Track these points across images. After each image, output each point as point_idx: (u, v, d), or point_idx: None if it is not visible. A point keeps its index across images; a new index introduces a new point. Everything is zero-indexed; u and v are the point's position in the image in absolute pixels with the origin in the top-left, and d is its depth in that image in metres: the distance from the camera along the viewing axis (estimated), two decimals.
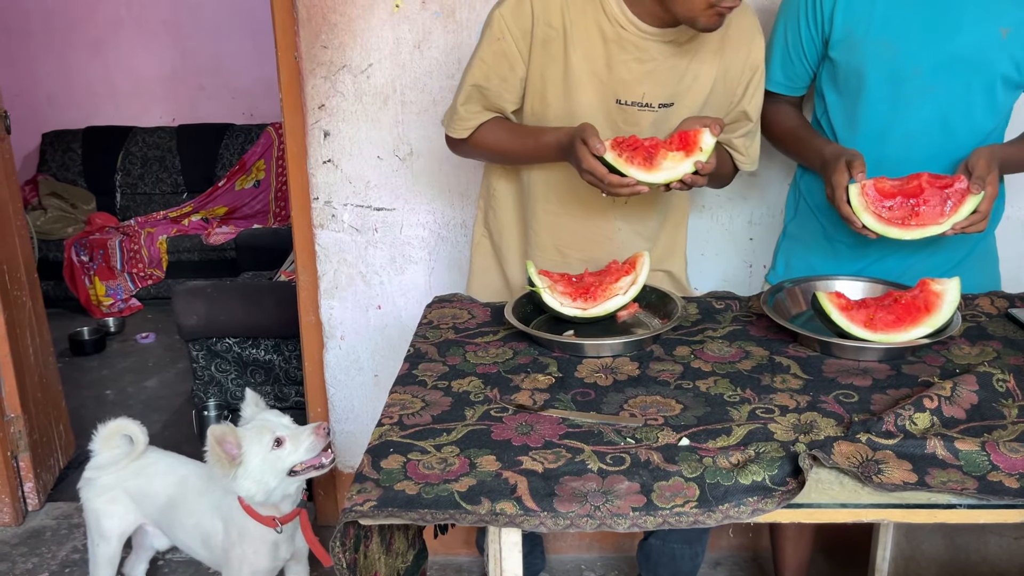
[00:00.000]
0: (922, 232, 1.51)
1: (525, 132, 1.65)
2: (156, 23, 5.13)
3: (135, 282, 4.71)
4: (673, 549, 1.91)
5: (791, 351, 1.48)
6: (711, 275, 2.24)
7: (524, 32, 1.57)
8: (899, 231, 1.52)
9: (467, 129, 1.66)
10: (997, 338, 1.52)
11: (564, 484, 1.12)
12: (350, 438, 2.44)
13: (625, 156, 1.48)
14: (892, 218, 1.52)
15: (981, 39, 1.58)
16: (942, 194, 1.51)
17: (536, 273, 1.57)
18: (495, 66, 1.60)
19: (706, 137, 1.49)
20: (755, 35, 1.66)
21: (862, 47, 1.62)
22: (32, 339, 2.77)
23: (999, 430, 1.21)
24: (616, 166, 1.47)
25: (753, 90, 1.68)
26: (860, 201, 1.53)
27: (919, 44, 1.60)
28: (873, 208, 1.53)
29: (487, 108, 1.65)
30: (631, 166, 1.47)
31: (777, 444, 1.19)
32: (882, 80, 1.63)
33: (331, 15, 2.06)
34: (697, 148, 1.49)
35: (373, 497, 1.11)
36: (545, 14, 1.56)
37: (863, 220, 1.53)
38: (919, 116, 1.63)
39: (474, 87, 1.62)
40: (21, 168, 5.04)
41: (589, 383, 1.39)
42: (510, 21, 1.57)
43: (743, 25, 1.64)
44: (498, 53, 1.59)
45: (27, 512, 2.75)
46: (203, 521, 1.95)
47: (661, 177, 1.48)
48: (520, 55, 1.59)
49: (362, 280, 2.28)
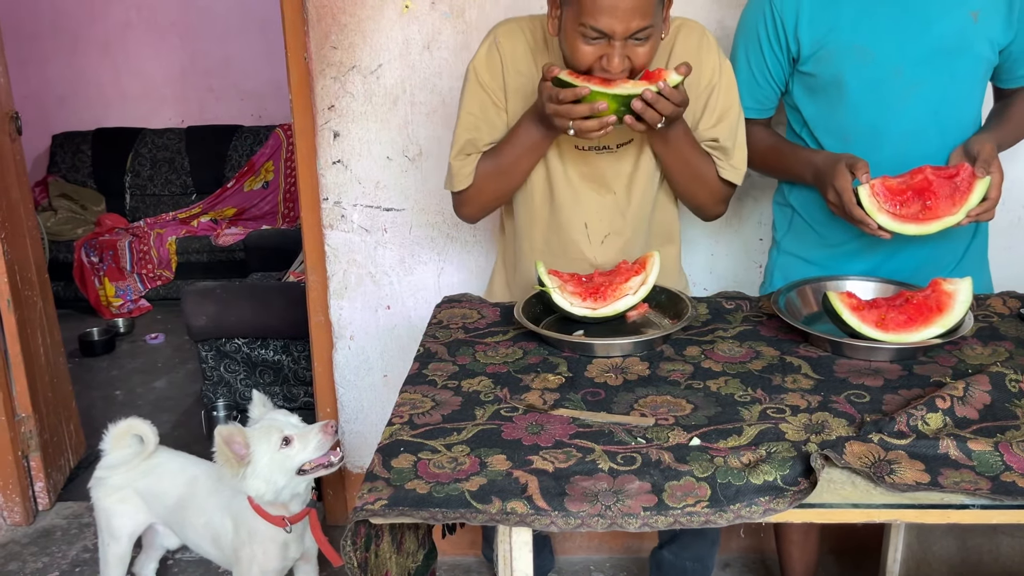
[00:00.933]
0: (939, 224, 1.50)
1: (506, 137, 1.65)
2: (165, 25, 5.15)
3: (144, 283, 4.73)
4: (685, 565, 1.93)
5: (802, 351, 1.48)
6: (721, 275, 2.24)
7: (498, 82, 1.62)
8: (916, 227, 1.51)
9: (467, 176, 1.66)
10: (1009, 338, 1.51)
11: (575, 484, 1.12)
12: (359, 438, 2.44)
13: (582, 78, 1.45)
14: (907, 215, 1.51)
15: (955, 27, 1.57)
16: (950, 184, 1.50)
17: (546, 273, 1.57)
18: (482, 115, 1.63)
19: (672, 74, 1.45)
20: (703, 53, 1.60)
21: (836, 57, 1.61)
22: (43, 339, 2.79)
23: (1012, 430, 1.20)
24: (570, 81, 1.44)
25: (712, 110, 1.62)
26: (872, 202, 1.52)
27: (894, 44, 1.59)
28: (886, 207, 1.52)
29: (477, 152, 1.67)
30: (587, 83, 1.44)
31: (788, 444, 1.18)
32: (864, 86, 1.61)
33: (341, 16, 2.07)
34: (662, 77, 1.45)
35: (384, 496, 1.11)
36: (513, 60, 1.60)
37: (878, 220, 1.52)
38: (910, 115, 1.62)
39: (467, 141, 1.64)
40: (31, 169, 5.06)
41: (599, 383, 1.39)
42: (483, 72, 1.61)
43: (687, 45, 1.60)
44: (483, 103, 1.63)
45: (37, 512, 2.76)
46: (213, 520, 1.95)
47: (621, 91, 1.43)
48: (498, 103, 1.63)
49: (371, 280, 2.28)
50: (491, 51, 1.61)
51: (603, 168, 1.65)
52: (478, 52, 1.63)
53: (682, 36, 1.60)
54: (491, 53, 1.61)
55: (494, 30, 1.64)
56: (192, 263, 4.77)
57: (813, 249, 1.79)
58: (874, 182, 1.53)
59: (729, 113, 1.63)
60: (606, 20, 1.40)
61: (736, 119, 1.64)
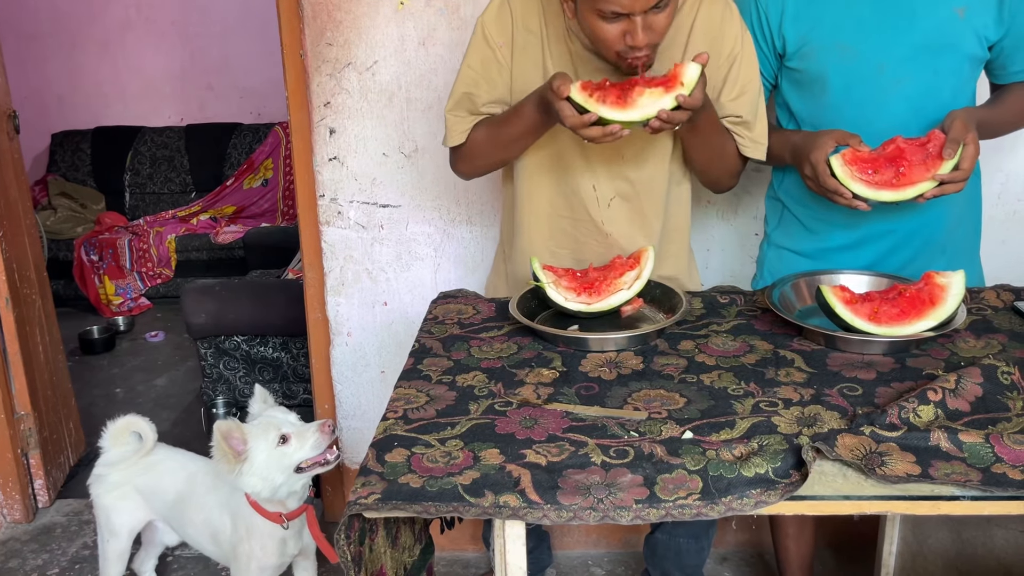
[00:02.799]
0: (914, 190, 1.48)
1: (506, 113, 1.63)
2: (165, 23, 5.16)
3: (144, 281, 4.74)
4: (679, 543, 1.91)
5: (796, 345, 1.48)
6: (717, 270, 2.24)
7: (506, 37, 1.59)
8: (891, 193, 1.50)
9: (461, 133, 1.65)
10: (1003, 331, 1.51)
11: (567, 477, 1.12)
12: (357, 434, 2.44)
13: (596, 96, 1.41)
14: (880, 181, 1.50)
15: (939, 24, 1.57)
16: (923, 151, 1.50)
17: (541, 268, 1.57)
18: (483, 71, 1.62)
19: (689, 70, 1.39)
20: (726, 24, 1.58)
21: (820, 53, 1.61)
22: (42, 337, 2.79)
23: (1004, 422, 1.20)
24: (585, 105, 1.39)
25: (734, 82, 1.60)
26: (845, 171, 1.51)
27: (877, 41, 1.59)
28: (860, 176, 1.51)
29: (475, 114, 1.66)
30: (602, 105, 1.39)
31: (780, 437, 1.19)
32: (846, 82, 1.61)
33: (336, 12, 2.07)
34: (679, 83, 1.39)
35: (377, 490, 1.12)
36: (524, 18, 1.58)
37: (853, 188, 1.50)
38: (892, 112, 1.62)
39: (464, 94, 1.64)
40: (31, 168, 5.08)
41: (593, 377, 1.39)
42: (492, 28, 1.60)
43: (711, 15, 1.58)
44: (486, 59, 1.61)
45: (38, 509, 2.77)
46: (212, 517, 1.96)
47: (635, 115, 1.38)
48: (504, 61, 1.61)
49: (368, 277, 2.29)
50: (503, 7, 1.59)
51: None
52: (489, 6, 1.60)
53: (704, 7, 1.58)
54: (503, 9, 1.59)
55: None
56: (192, 261, 4.78)
57: (802, 242, 1.79)
58: (845, 152, 1.52)
59: (750, 86, 1.62)
60: (624, 0, 1.39)
61: (757, 92, 1.63)
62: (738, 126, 1.64)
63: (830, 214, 1.71)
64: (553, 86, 1.42)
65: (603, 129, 1.42)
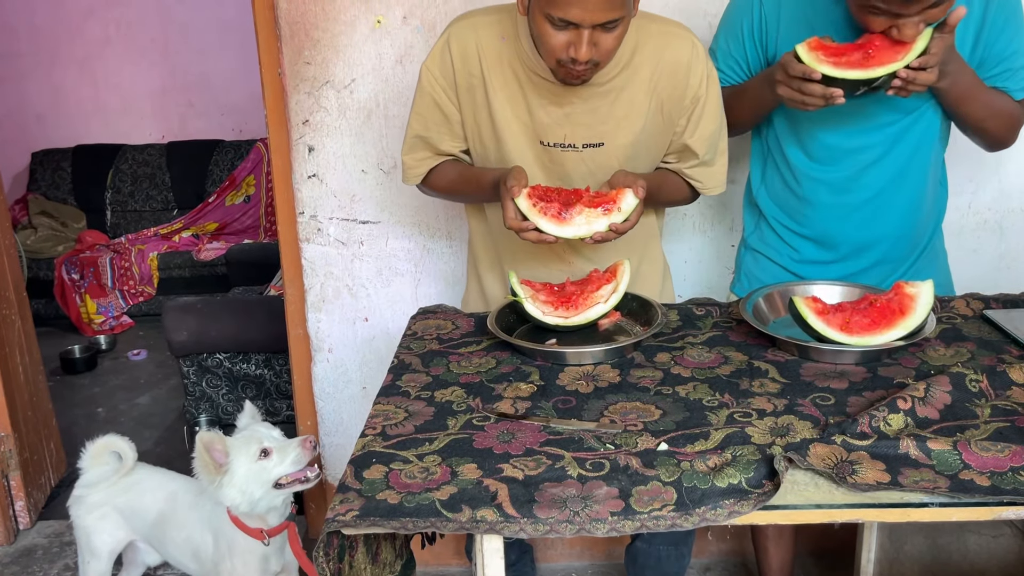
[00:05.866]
0: (884, 69, 1.47)
1: (471, 174, 1.70)
2: (145, 41, 5.16)
3: (126, 299, 4.72)
4: (659, 551, 1.92)
5: (770, 355, 1.50)
6: (693, 282, 2.27)
7: (449, 81, 1.63)
8: (861, 72, 1.48)
9: (416, 176, 1.74)
10: (972, 339, 1.54)
11: (544, 490, 1.13)
12: (340, 451, 2.45)
13: (540, 206, 1.50)
14: (848, 62, 1.49)
15: None
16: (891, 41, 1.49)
17: (518, 283, 1.59)
18: (430, 116, 1.67)
19: (627, 198, 1.50)
20: (692, 66, 1.60)
21: None
22: (22, 358, 2.78)
23: (971, 429, 1.23)
24: (527, 214, 1.50)
25: (696, 123, 1.64)
26: (812, 55, 1.50)
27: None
28: (827, 60, 1.50)
29: (437, 154, 1.71)
30: (541, 217, 1.50)
31: (754, 447, 1.21)
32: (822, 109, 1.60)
33: (313, 31, 2.09)
34: (616, 208, 1.50)
35: (355, 507, 1.12)
36: (464, 63, 1.62)
37: (821, 70, 1.48)
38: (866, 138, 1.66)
39: (416, 138, 1.70)
40: (11, 187, 5.06)
41: (571, 390, 1.41)
42: (435, 72, 1.64)
43: (677, 58, 1.60)
44: (430, 104, 1.66)
45: (18, 531, 2.75)
46: (193, 535, 1.96)
47: (568, 232, 1.50)
48: (451, 102, 1.65)
49: (349, 293, 2.29)
50: (444, 51, 1.63)
51: (568, 168, 1.66)
52: (431, 52, 1.65)
53: (668, 50, 1.60)
54: (444, 53, 1.63)
55: (448, 29, 1.64)
56: (174, 278, 4.77)
57: (776, 250, 1.83)
58: (810, 40, 1.52)
59: (712, 126, 1.65)
60: (576, 12, 1.41)
61: (718, 131, 1.66)
62: (697, 167, 1.69)
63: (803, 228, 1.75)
64: (507, 182, 1.50)
65: (539, 235, 1.51)
